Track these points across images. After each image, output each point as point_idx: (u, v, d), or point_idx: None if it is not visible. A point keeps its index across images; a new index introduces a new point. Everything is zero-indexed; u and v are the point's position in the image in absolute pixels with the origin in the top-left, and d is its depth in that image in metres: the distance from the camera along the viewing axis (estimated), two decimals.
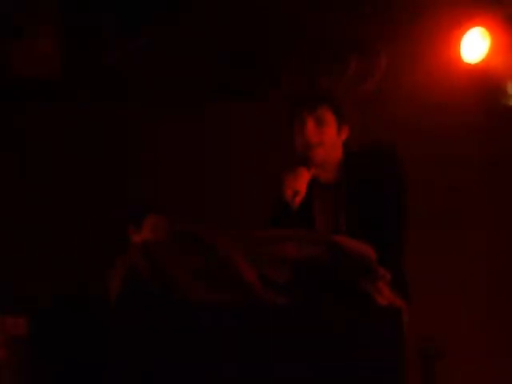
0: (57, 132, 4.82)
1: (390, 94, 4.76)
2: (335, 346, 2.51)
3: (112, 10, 4.45)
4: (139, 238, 3.77)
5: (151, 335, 2.46)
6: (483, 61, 4.79)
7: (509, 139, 5.02)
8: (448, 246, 4.96)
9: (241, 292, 2.52)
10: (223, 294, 2.52)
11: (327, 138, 3.28)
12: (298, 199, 3.15)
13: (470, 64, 4.79)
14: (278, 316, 2.50)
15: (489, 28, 4.72)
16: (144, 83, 4.61)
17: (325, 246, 2.60)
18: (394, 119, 4.82)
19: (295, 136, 3.31)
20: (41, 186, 4.81)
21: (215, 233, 2.63)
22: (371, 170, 3.23)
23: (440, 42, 4.69)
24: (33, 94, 4.72)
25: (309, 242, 2.63)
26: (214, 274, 2.55)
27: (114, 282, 2.56)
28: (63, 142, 4.82)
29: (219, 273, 2.55)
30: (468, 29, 4.70)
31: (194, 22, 4.25)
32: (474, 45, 4.74)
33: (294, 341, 2.49)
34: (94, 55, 4.55)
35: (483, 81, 4.85)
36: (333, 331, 2.51)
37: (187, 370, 2.46)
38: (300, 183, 3.17)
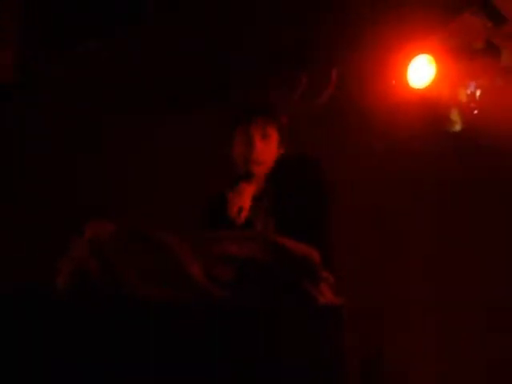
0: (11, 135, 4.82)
1: (337, 114, 4.88)
2: (275, 343, 2.57)
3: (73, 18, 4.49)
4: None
5: (96, 329, 2.49)
6: (429, 87, 4.94)
7: (452, 163, 5.17)
8: (395, 260, 5.07)
9: (187, 288, 2.58)
10: (170, 291, 2.57)
11: (271, 154, 3.38)
12: (244, 215, 3.23)
13: (416, 89, 4.93)
14: (221, 312, 2.55)
15: (435, 56, 4.88)
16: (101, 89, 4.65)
17: (269, 247, 2.67)
18: (339, 140, 4.94)
19: (237, 149, 3.39)
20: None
21: (163, 232, 2.69)
22: (295, 180, 3.33)
23: (388, 66, 4.82)
24: None
25: (254, 243, 2.70)
26: (161, 271, 2.60)
27: (61, 277, 2.59)
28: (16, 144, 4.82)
29: (166, 270, 2.60)
30: (415, 55, 4.85)
31: (146, 33, 4.31)
32: (421, 71, 4.89)
33: (235, 337, 2.54)
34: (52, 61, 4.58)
35: (428, 106, 5.00)
36: (272, 329, 2.57)
37: (132, 365, 2.50)
38: (244, 199, 3.25)
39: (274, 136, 3.38)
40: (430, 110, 4.99)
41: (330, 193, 3.38)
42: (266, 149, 3.36)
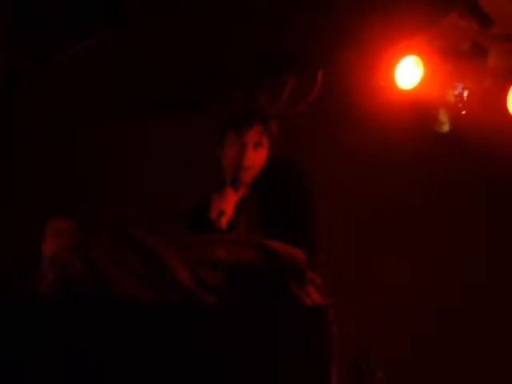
0: None
1: (325, 116, 4.90)
2: (262, 345, 2.59)
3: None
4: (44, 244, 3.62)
5: (85, 332, 2.50)
6: (417, 88, 4.97)
7: (440, 164, 5.20)
8: (389, 261, 5.09)
9: (175, 292, 2.59)
10: (158, 294, 2.59)
11: (260, 161, 3.39)
12: (225, 220, 3.23)
13: (403, 90, 4.95)
14: (208, 315, 2.57)
15: (422, 57, 4.90)
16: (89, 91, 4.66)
17: (256, 249, 2.69)
18: (327, 141, 4.96)
19: (228, 153, 3.40)
20: None
21: (150, 236, 2.70)
22: (280, 183, 3.35)
23: (375, 67, 4.84)
24: None
25: (241, 246, 2.72)
26: (148, 275, 2.61)
27: (46, 281, 2.60)
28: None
29: (154, 273, 2.61)
30: (403, 56, 4.87)
31: (138, 33, 4.31)
32: (408, 72, 4.91)
33: (222, 340, 2.56)
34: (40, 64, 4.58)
35: (416, 107, 5.02)
36: (260, 331, 2.58)
37: (119, 368, 2.51)
38: (227, 204, 3.25)
39: (265, 144, 3.39)
40: (417, 110, 5.02)
41: (314, 194, 3.39)
42: (257, 156, 3.38)
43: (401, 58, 4.86)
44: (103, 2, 4.11)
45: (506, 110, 5.01)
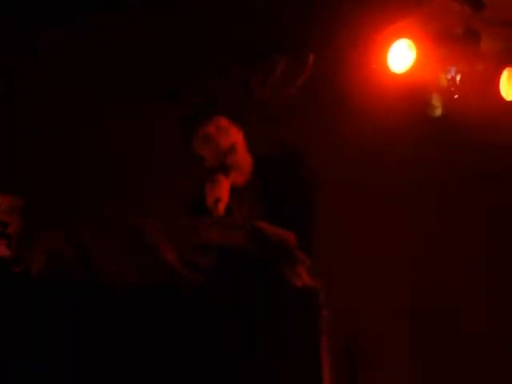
0: None
1: (316, 100, 4.88)
2: (252, 327, 2.59)
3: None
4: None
5: (72, 316, 2.50)
6: (409, 72, 4.95)
7: (433, 148, 5.19)
8: (375, 248, 5.09)
9: (162, 274, 2.59)
10: (145, 277, 2.58)
11: (238, 140, 3.40)
12: (222, 206, 3.24)
13: (396, 74, 4.93)
14: (195, 296, 2.57)
15: (415, 40, 4.88)
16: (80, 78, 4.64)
17: (247, 232, 2.69)
18: (317, 124, 4.94)
19: (202, 148, 3.40)
20: None
21: (138, 219, 2.69)
22: (279, 172, 3.36)
23: (367, 51, 4.82)
24: None
25: (231, 228, 2.72)
26: (135, 257, 2.61)
27: (35, 264, 2.59)
28: None
29: (141, 256, 2.61)
30: (395, 40, 4.85)
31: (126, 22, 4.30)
32: (401, 56, 4.90)
33: (212, 321, 2.56)
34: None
35: (409, 91, 5.01)
36: (250, 312, 2.59)
37: (108, 351, 2.50)
38: (221, 191, 3.26)
39: (230, 128, 3.40)
40: (410, 94, 5.00)
41: (314, 182, 3.40)
42: (231, 138, 3.39)
43: (393, 41, 4.84)
44: None
45: (499, 93, 5.01)
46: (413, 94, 5.02)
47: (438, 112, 5.13)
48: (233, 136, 3.41)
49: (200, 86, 4.45)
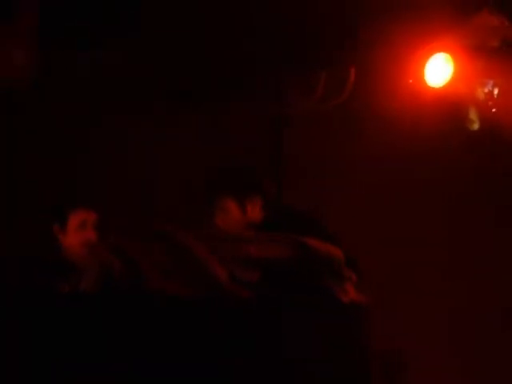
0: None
1: (354, 114, 4.88)
2: (299, 342, 2.59)
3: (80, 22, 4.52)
4: (66, 236, 3.40)
5: (122, 328, 2.51)
6: (446, 86, 4.93)
7: (470, 161, 5.17)
8: (412, 262, 5.07)
9: (211, 288, 2.59)
10: (195, 290, 2.59)
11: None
12: None
13: (433, 88, 4.92)
14: (244, 311, 2.57)
15: (453, 54, 4.86)
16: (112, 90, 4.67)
17: (293, 246, 2.68)
18: (356, 139, 4.94)
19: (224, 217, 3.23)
20: None
21: (185, 233, 2.70)
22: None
23: (405, 65, 4.81)
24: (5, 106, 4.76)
25: (278, 244, 2.72)
26: (184, 272, 2.62)
27: (85, 280, 2.61)
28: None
29: (190, 270, 2.62)
30: (432, 54, 4.83)
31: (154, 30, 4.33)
32: (439, 70, 4.88)
33: (259, 334, 2.56)
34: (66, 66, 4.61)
35: (446, 105, 4.99)
36: (297, 327, 2.58)
37: (159, 362, 2.51)
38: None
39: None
40: (447, 108, 4.99)
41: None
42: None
43: (431, 55, 4.82)
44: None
45: None
46: (450, 108, 5.00)
47: (476, 126, 5.10)
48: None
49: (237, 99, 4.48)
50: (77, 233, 3.45)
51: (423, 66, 4.84)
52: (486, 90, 5.00)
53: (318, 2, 4.17)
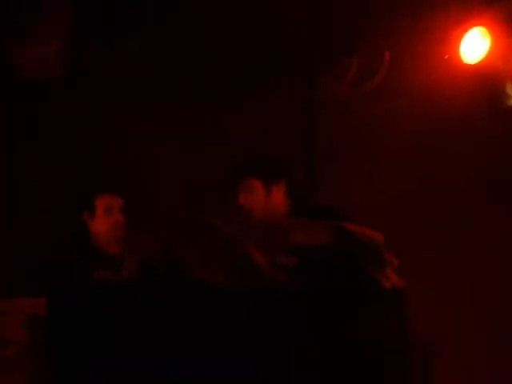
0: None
1: (391, 92, 4.80)
2: (340, 328, 2.55)
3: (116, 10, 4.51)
4: (95, 222, 3.49)
5: (163, 317, 2.49)
6: (483, 61, 4.83)
7: (508, 139, 5.07)
8: (446, 248, 5.00)
9: (252, 275, 2.55)
10: (236, 278, 2.55)
11: None
12: None
13: (469, 64, 4.82)
14: (287, 299, 2.53)
15: (489, 28, 4.76)
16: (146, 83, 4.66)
17: (334, 232, 2.64)
18: (393, 117, 4.86)
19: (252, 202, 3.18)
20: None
21: (226, 221, 2.66)
22: None
23: (440, 41, 4.72)
24: (37, 94, 4.76)
25: (318, 229, 2.67)
26: (226, 260, 2.58)
27: (126, 269, 2.59)
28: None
29: (231, 258, 2.58)
30: (468, 29, 4.73)
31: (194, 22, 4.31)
32: (474, 45, 4.77)
33: (302, 323, 2.53)
34: (99, 54, 4.60)
35: (483, 81, 4.89)
36: (338, 313, 2.54)
37: (201, 352, 2.49)
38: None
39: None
40: (484, 84, 4.89)
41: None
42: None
43: (466, 30, 4.72)
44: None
45: None
46: (487, 83, 4.90)
47: None
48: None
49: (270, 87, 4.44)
50: (104, 217, 3.50)
51: (459, 42, 4.75)
52: None
53: None
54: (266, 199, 3.02)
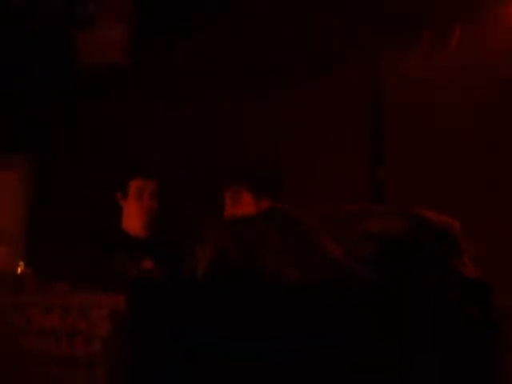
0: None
1: (463, 65, 4.71)
2: (422, 319, 2.50)
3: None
4: (127, 203, 3.64)
5: (238, 313, 2.47)
6: None
7: None
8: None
9: (328, 269, 2.52)
10: (311, 273, 2.52)
11: None
12: None
13: None
14: (366, 290, 2.49)
15: None
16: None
17: (409, 219, 2.60)
18: (462, 89, 4.77)
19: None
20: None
21: (302, 213, 2.64)
22: None
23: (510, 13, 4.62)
24: (101, 83, 4.82)
25: (393, 217, 2.63)
26: (301, 254, 2.55)
27: (202, 261, 2.57)
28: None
29: (306, 253, 2.55)
30: None
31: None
32: None
33: (382, 314, 2.48)
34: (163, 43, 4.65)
35: None
36: (419, 304, 2.50)
37: (276, 346, 2.47)
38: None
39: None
40: None
41: None
42: None
43: None
44: None
45: None
46: None
47: None
48: None
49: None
50: (135, 200, 3.57)
51: None
52: None
53: None
54: (254, 210, 3.01)
